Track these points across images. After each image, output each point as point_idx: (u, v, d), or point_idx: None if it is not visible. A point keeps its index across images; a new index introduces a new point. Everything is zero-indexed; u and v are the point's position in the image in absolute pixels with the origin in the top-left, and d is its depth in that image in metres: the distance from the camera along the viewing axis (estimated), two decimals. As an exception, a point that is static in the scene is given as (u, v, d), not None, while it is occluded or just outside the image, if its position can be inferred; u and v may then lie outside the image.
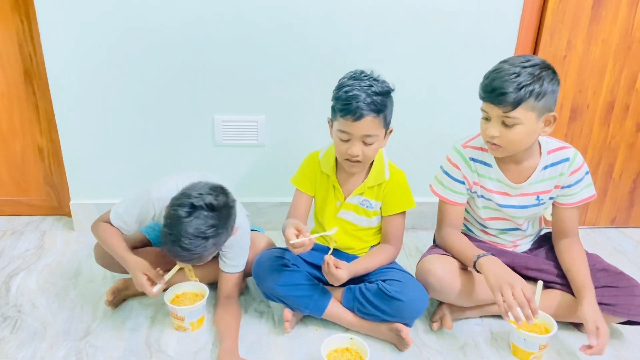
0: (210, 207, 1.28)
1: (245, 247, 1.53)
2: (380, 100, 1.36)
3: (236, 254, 1.50)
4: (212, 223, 1.28)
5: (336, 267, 1.38)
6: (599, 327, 1.32)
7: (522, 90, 1.28)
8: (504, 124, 1.34)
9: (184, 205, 1.27)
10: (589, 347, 1.33)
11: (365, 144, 1.40)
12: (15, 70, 1.91)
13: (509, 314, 1.30)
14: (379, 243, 1.61)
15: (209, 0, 1.74)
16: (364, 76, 1.39)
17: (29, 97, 1.95)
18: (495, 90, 1.31)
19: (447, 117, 1.95)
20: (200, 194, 1.29)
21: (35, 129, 2.00)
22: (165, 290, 1.51)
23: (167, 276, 1.43)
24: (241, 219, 1.47)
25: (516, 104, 1.30)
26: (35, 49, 1.87)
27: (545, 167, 1.47)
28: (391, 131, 1.46)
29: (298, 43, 1.82)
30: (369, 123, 1.36)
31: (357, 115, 1.34)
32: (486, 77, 1.36)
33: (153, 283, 1.40)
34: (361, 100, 1.33)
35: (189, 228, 1.26)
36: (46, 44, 1.77)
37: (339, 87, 1.40)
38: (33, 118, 1.98)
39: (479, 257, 1.39)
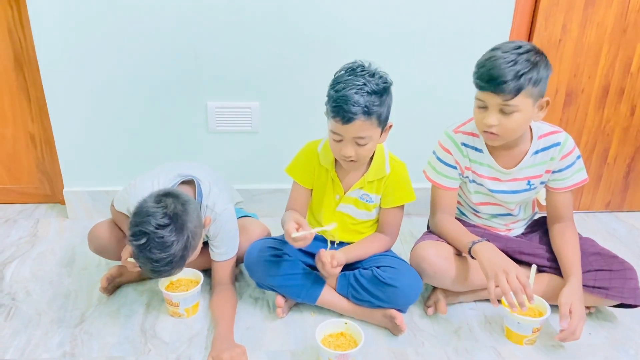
0: (163, 226, 1.23)
1: (231, 233, 1.50)
2: (373, 100, 1.29)
3: (221, 242, 1.48)
4: (172, 240, 1.24)
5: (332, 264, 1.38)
6: (572, 311, 1.33)
7: (522, 77, 1.28)
8: (503, 112, 1.33)
9: (137, 236, 1.23)
10: (564, 331, 1.34)
11: (358, 144, 1.35)
12: (6, 57, 1.88)
13: (504, 299, 1.30)
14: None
15: (200, -15, 1.72)
16: (360, 71, 1.32)
17: (20, 83, 1.92)
18: (494, 79, 1.29)
19: (440, 102, 1.94)
20: (148, 215, 1.24)
21: (27, 116, 1.98)
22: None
23: None
24: (222, 206, 1.46)
25: (517, 91, 1.29)
26: (25, 35, 1.84)
27: (536, 152, 1.47)
28: (390, 127, 1.41)
29: (291, 28, 1.80)
30: (359, 126, 1.31)
31: (346, 119, 1.29)
32: (481, 65, 1.34)
33: None
34: (350, 102, 1.27)
35: (153, 255, 1.23)
36: (36, 29, 1.74)
37: (334, 82, 1.34)
38: (24, 105, 1.96)
39: (473, 243, 1.40)
